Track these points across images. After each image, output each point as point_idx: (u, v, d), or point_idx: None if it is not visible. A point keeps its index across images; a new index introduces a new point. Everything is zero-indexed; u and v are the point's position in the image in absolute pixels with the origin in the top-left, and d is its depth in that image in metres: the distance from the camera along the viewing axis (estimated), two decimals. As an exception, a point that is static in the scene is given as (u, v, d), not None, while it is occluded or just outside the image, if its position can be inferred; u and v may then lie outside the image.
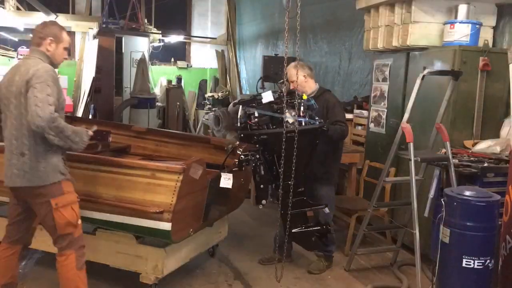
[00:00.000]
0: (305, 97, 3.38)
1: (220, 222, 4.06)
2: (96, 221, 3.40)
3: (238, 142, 3.78)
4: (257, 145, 3.35)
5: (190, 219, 3.34)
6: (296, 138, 3.10)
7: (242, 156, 3.33)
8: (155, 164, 3.22)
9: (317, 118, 3.40)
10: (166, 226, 3.09)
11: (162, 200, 3.08)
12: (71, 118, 5.18)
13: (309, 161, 3.57)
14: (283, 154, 3.14)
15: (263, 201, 3.40)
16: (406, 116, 3.77)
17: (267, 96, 3.38)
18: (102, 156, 3.61)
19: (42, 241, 3.45)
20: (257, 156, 3.35)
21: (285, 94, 3.19)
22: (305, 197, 3.48)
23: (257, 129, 3.32)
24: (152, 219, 3.12)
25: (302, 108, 3.32)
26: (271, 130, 3.30)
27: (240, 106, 3.48)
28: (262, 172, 3.35)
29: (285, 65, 3.25)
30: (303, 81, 3.90)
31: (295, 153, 3.14)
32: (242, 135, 3.45)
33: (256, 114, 3.34)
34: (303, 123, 3.29)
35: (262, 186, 3.36)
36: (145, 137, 4.69)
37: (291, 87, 3.77)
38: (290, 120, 3.27)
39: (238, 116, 3.48)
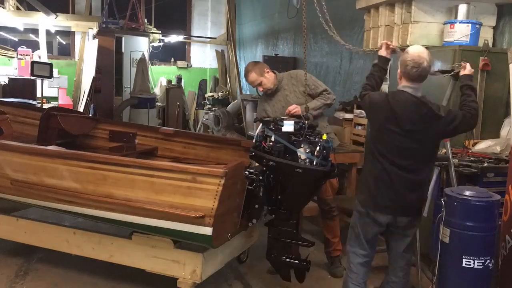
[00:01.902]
0: (324, 137, 3.36)
1: (252, 226, 3.84)
2: (133, 225, 3.34)
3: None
4: (265, 168, 3.35)
5: (229, 224, 3.27)
6: (302, 175, 3.16)
7: (246, 172, 3.34)
8: (196, 168, 3.10)
9: (329, 159, 3.39)
10: (207, 230, 3.01)
11: (203, 204, 2.99)
12: (96, 120, 5.15)
13: (309, 199, 3.63)
14: (288, 187, 3.22)
15: (254, 220, 3.41)
16: None
17: (288, 127, 3.36)
18: (142, 160, 3.50)
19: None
20: (260, 177, 3.35)
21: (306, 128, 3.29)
22: (295, 230, 3.49)
23: (269, 153, 3.33)
24: (193, 224, 3.03)
25: (318, 148, 3.31)
26: (281, 159, 3.29)
27: (260, 124, 3.48)
28: (260, 194, 3.36)
29: (304, 62, 3.31)
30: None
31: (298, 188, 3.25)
32: (253, 153, 3.44)
33: (273, 139, 3.34)
34: (314, 163, 3.29)
35: (256, 206, 3.37)
36: (172, 139, 4.64)
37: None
38: (303, 156, 3.27)
39: (255, 133, 3.48)
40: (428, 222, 3.88)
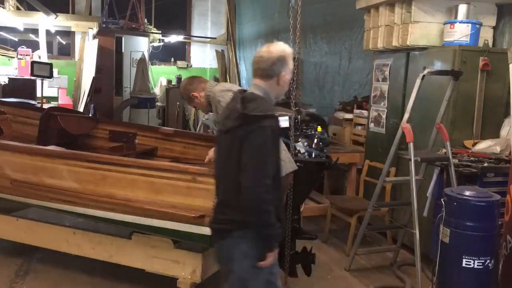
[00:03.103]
0: (319, 129, 3.36)
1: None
2: (133, 225, 3.34)
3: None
4: None
5: None
6: (303, 168, 3.16)
7: None
8: (196, 168, 3.11)
9: (325, 150, 3.39)
10: (207, 230, 2.96)
11: (203, 204, 2.99)
12: (96, 120, 5.15)
13: (309, 192, 3.61)
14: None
15: None
16: (406, 116, 3.77)
17: (284, 122, 3.36)
18: (141, 160, 3.51)
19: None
20: None
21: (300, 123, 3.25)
22: (298, 225, 3.48)
23: None
24: (192, 224, 3.04)
25: (315, 140, 3.30)
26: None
27: None
28: None
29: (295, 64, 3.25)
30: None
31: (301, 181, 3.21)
32: None
33: None
34: (313, 155, 3.28)
35: None
36: (172, 139, 4.65)
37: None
38: (302, 150, 3.27)
39: None
40: (428, 222, 3.89)
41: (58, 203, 3.55)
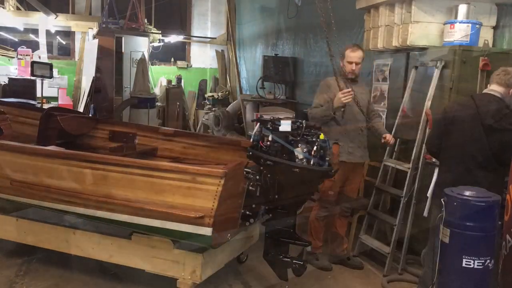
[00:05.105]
0: (322, 136, 3.35)
1: (252, 226, 3.79)
2: (133, 225, 3.33)
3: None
4: (262, 167, 3.35)
5: (228, 224, 3.26)
6: (299, 175, 3.16)
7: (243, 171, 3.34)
8: (196, 168, 3.11)
9: (327, 158, 3.38)
10: (207, 231, 3.02)
11: (203, 205, 2.99)
12: (96, 120, 5.15)
13: (307, 198, 3.62)
14: (286, 186, 3.19)
15: (251, 220, 3.41)
16: (428, 103, 3.95)
17: (285, 126, 3.34)
18: (141, 160, 3.50)
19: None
20: (257, 177, 3.35)
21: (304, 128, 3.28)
22: (293, 230, 3.48)
23: (266, 153, 3.33)
24: (192, 224, 3.04)
25: (315, 148, 3.30)
26: (278, 159, 3.28)
27: (258, 123, 3.48)
28: (257, 193, 3.35)
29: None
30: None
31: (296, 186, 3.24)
32: (251, 153, 3.44)
33: (270, 138, 3.34)
34: (311, 163, 3.29)
35: (253, 206, 3.37)
36: (172, 139, 4.66)
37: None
38: (300, 156, 3.27)
39: (253, 132, 3.48)
40: (428, 222, 3.88)
41: (58, 203, 3.55)
